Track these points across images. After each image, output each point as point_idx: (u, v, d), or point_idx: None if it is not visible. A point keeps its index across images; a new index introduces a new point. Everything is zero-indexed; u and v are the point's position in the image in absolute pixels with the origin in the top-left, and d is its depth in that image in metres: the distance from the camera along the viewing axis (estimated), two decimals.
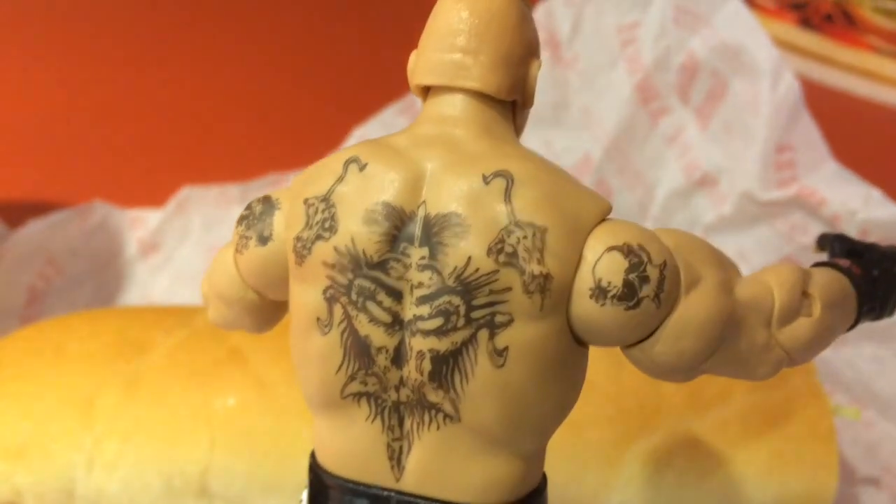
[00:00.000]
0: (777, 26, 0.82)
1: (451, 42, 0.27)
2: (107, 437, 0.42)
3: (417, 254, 0.25)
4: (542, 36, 0.65)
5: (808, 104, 0.58)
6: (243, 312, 0.31)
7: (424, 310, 0.25)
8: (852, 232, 0.54)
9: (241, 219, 0.29)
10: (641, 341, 0.26)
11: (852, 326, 0.30)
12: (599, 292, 0.25)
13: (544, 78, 0.66)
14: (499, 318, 0.25)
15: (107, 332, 0.46)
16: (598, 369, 0.44)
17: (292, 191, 0.28)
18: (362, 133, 0.66)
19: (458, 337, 0.25)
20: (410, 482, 0.27)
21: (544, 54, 0.65)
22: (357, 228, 0.26)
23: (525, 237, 0.25)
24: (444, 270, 0.25)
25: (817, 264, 0.31)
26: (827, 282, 0.29)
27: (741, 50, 0.57)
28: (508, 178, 0.25)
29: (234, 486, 0.42)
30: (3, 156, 0.69)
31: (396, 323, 0.26)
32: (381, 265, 0.25)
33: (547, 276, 0.25)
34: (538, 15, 0.65)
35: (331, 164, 0.27)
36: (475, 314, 0.25)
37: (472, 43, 0.27)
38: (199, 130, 0.73)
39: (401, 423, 0.27)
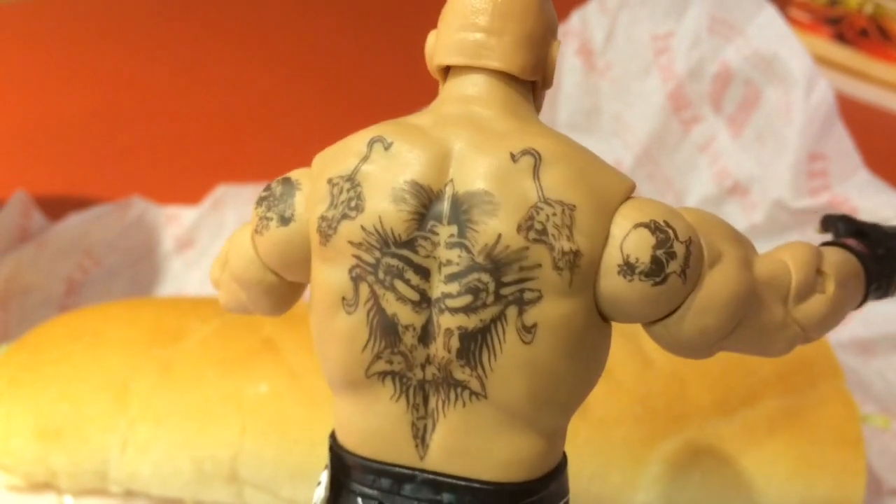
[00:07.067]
0: (812, 40, 0.82)
1: (472, 21, 0.27)
2: (140, 420, 0.43)
3: (446, 231, 0.25)
4: (575, 44, 0.66)
5: (841, 118, 0.58)
6: (261, 294, 0.30)
7: (453, 287, 0.25)
8: None
9: (261, 200, 0.29)
10: (665, 317, 0.27)
11: (860, 304, 0.31)
12: (628, 268, 0.25)
13: (577, 85, 0.66)
14: (528, 295, 0.25)
15: (143, 319, 0.47)
16: (627, 369, 0.44)
17: (313, 171, 0.28)
18: None
19: (487, 314, 0.25)
20: (434, 460, 0.27)
21: (577, 61, 0.66)
22: (385, 207, 0.26)
23: (554, 214, 0.25)
24: (474, 248, 0.25)
25: (826, 244, 0.31)
26: (838, 260, 0.29)
27: (775, 59, 0.57)
28: (536, 156, 0.25)
29: (263, 472, 0.43)
30: (46, 152, 0.71)
31: (424, 301, 0.26)
32: (410, 243, 0.26)
33: (577, 253, 0.25)
34: (572, 22, 0.66)
35: (353, 143, 0.27)
36: (504, 291, 0.25)
37: (496, 23, 0.27)
38: (236, 130, 0.74)
39: (425, 402, 0.27)
